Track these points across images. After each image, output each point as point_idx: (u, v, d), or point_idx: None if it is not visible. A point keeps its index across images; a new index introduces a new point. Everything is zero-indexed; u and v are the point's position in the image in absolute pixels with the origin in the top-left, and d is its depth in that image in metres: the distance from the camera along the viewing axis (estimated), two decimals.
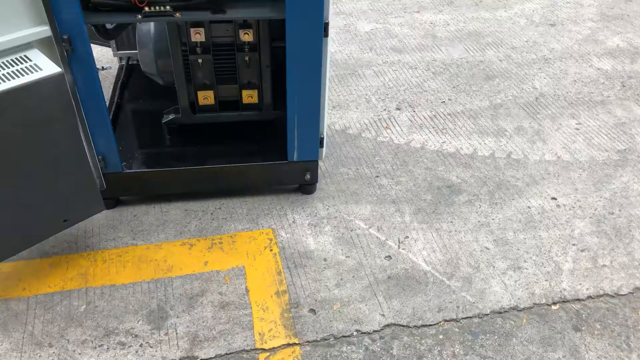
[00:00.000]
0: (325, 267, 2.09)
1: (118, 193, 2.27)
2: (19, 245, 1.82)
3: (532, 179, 2.54)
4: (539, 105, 3.03)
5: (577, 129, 2.86)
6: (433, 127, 2.84)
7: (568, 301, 1.99)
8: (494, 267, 2.11)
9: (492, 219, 2.32)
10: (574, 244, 2.21)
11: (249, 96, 2.36)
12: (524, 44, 3.62)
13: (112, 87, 2.71)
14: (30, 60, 1.65)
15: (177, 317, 1.89)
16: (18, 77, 1.57)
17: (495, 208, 2.37)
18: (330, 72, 2.12)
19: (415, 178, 2.52)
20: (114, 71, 2.95)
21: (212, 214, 2.30)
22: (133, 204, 2.32)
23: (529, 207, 2.38)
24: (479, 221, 2.31)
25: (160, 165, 2.24)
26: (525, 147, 2.73)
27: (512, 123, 2.89)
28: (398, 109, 2.98)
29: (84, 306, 1.91)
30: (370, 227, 2.26)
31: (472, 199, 2.42)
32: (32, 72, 1.60)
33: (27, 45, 1.69)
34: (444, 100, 3.06)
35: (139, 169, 2.21)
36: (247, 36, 2.16)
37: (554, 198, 2.43)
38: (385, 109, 2.98)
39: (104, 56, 3.24)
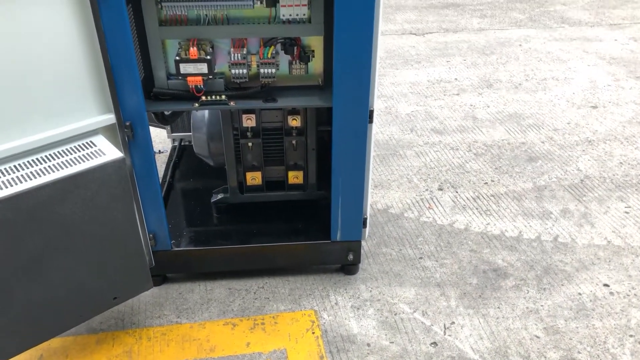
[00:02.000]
0: (368, 353, 2.04)
1: (165, 270, 2.32)
2: (70, 322, 1.86)
3: (581, 263, 2.46)
4: (584, 188, 2.99)
5: (627, 212, 2.79)
6: (476, 209, 2.83)
7: None
8: (545, 357, 2.01)
9: (541, 306, 2.24)
10: (631, 335, 2.10)
11: (295, 177, 2.44)
12: (566, 126, 3.63)
13: (164, 166, 2.84)
14: (95, 146, 1.77)
15: None
16: (83, 161, 1.69)
17: (544, 294, 2.30)
18: (371, 152, 2.19)
19: (460, 260, 2.49)
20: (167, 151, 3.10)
21: (255, 293, 2.31)
22: (179, 281, 2.36)
23: (579, 294, 2.30)
24: (527, 307, 2.23)
25: (207, 243, 2.30)
26: (573, 230, 2.67)
27: (558, 205, 2.85)
28: (440, 189, 3.00)
29: None
30: (414, 312, 2.22)
31: (519, 284, 2.35)
32: (96, 157, 1.71)
33: (94, 132, 1.82)
34: (486, 181, 3.06)
35: (187, 247, 2.27)
36: (295, 122, 2.26)
37: (606, 285, 2.34)
38: (427, 189, 3.00)
39: (157, 137, 3.42)
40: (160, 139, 3.38)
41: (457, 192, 2.97)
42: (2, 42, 1.53)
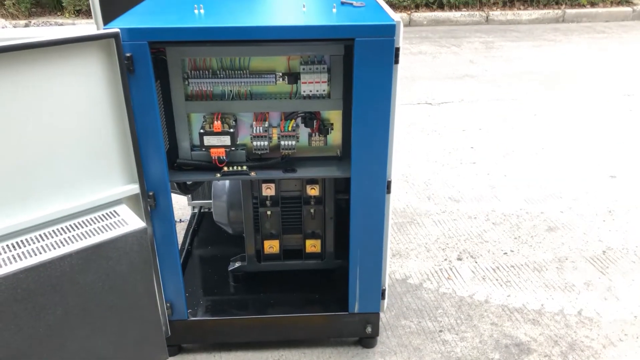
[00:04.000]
0: None
1: (181, 340, 2.29)
2: None
3: (608, 340, 2.38)
4: (607, 260, 2.94)
5: None
6: (496, 280, 2.78)
7: None
8: None
9: None
10: None
11: (312, 245, 2.44)
12: (585, 195, 3.61)
13: (184, 232, 2.87)
14: (119, 215, 1.81)
15: None
16: (106, 231, 1.72)
17: None
18: (390, 220, 2.20)
19: (480, 334, 2.42)
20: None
21: None
22: (194, 352, 2.32)
23: None
24: None
25: (223, 313, 2.28)
26: (597, 304, 2.60)
27: (580, 277, 2.79)
28: (459, 259, 2.96)
29: None
30: None
31: None
32: (119, 227, 1.74)
33: (118, 201, 1.87)
34: (505, 251, 3.03)
35: (204, 317, 2.25)
36: (313, 191, 2.29)
37: None
38: (445, 259, 2.96)
39: (177, 203, 3.47)
40: (181, 205, 3.43)
41: (476, 262, 2.93)
42: (35, 113, 1.60)
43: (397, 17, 1.81)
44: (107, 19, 2.45)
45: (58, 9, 8.70)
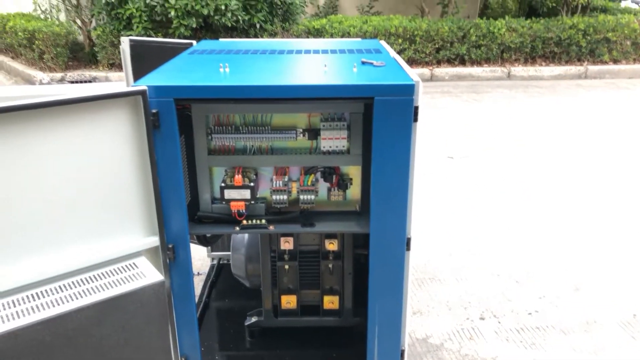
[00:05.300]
0: None
1: None
2: None
3: None
4: (637, 323, 2.81)
5: None
6: (521, 342, 2.68)
7: None
8: None
9: None
10: None
11: (330, 302, 2.40)
12: (615, 255, 3.50)
13: (202, 283, 2.86)
14: (137, 268, 1.82)
15: None
16: (124, 284, 1.72)
17: None
18: (409, 276, 2.16)
19: None
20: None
21: None
22: None
23: None
24: None
25: None
26: None
27: (610, 342, 2.67)
28: (482, 318, 2.88)
29: None
30: None
31: None
32: (136, 280, 1.75)
33: (137, 253, 1.88)
34: (530, 312, 2.93)
35: None
36: (332, 245, 2.28)
37: None
38: (467, 318, 2.88)
39: (197, 253, 3.48)
40: (200, 256, 3.43)
41: (499, 322, 2.84)
42: (62, 165, 1.64)
43: (416, 76, 1.84)
44: (138, 74, 2.56)
45: (93, 62, 9.10)
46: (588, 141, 5.77)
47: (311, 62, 2.24)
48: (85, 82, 7.02)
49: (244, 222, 2.04)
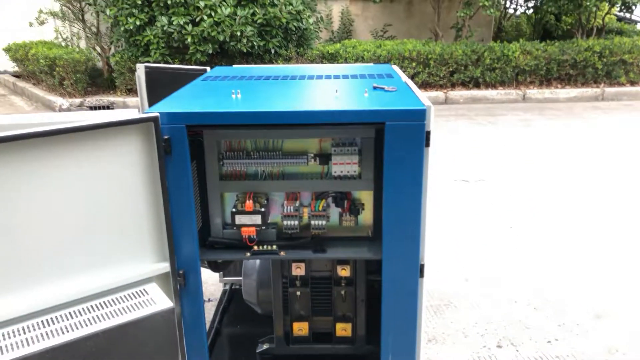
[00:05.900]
0: None
1: None
2: None
3: None
4: None
5: None
6: None
7: None
8: None
9: None
10: None
11: (343, 329, 2.36)
12: (637, 281, 3.41)
13: (214, 309, 2.84)
14: (148, 294, 1.80)
15: None
16: (134, 310, 1.71)
17: None
18: (424, 302, 2.11)
19: None
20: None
21: None
22: None
23: None
24: None
25: None
26: None
27: None
28: (499, 346, 2.80)
29: None
30: None
31: None
32: (147, 306, 1.74)
33: (148, 279, 1.87)
34: (549, 340, 2.85)
35: None
36: (344, 272, 2.25)
37: None
38: (484, 346, 2.81)
39: (210, 278, 3.47)
40: (213, 281, 3.41)
41: (517, 350, 2.77)
42: (75, 191, 1.66)
43: (428, 101, 1.83)
44: (153, 99, 2.59)
45: (111, 87, 9.29)
46: (608, 164, 5.68)
47: (322, 88, 2.25)
48: (103, 107, 7.16)
49: (255, 247, 2.02)
